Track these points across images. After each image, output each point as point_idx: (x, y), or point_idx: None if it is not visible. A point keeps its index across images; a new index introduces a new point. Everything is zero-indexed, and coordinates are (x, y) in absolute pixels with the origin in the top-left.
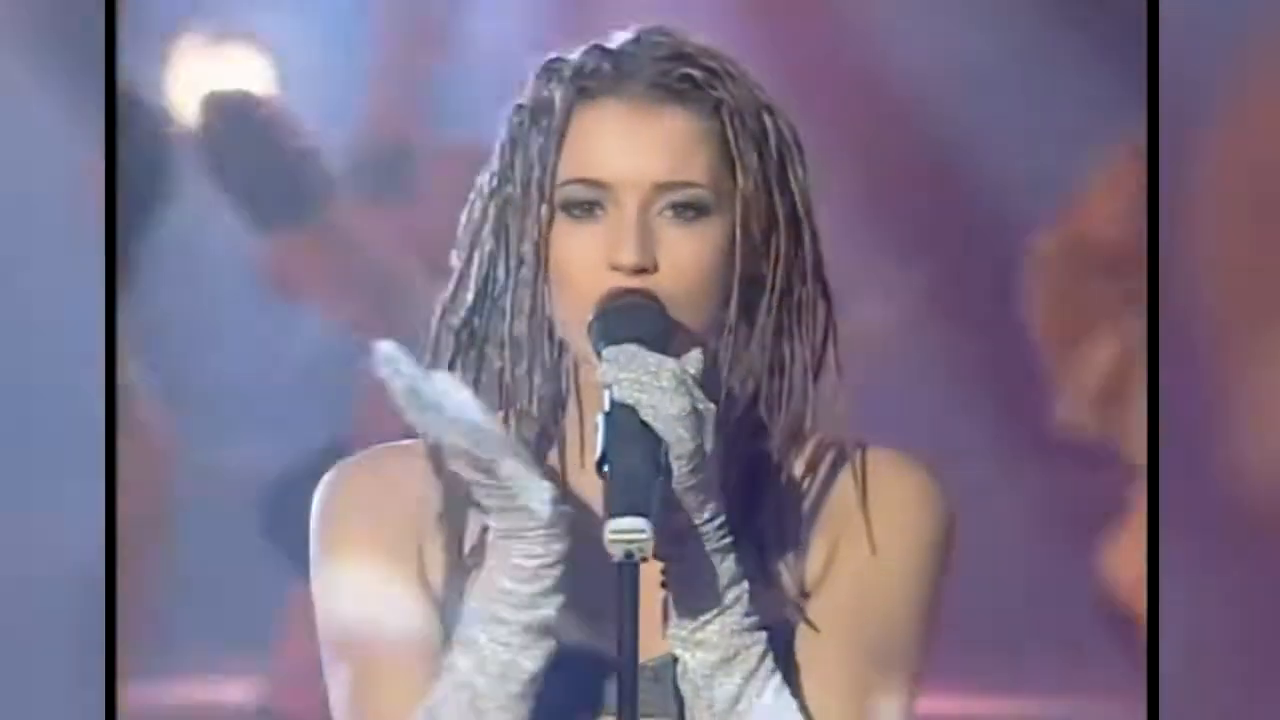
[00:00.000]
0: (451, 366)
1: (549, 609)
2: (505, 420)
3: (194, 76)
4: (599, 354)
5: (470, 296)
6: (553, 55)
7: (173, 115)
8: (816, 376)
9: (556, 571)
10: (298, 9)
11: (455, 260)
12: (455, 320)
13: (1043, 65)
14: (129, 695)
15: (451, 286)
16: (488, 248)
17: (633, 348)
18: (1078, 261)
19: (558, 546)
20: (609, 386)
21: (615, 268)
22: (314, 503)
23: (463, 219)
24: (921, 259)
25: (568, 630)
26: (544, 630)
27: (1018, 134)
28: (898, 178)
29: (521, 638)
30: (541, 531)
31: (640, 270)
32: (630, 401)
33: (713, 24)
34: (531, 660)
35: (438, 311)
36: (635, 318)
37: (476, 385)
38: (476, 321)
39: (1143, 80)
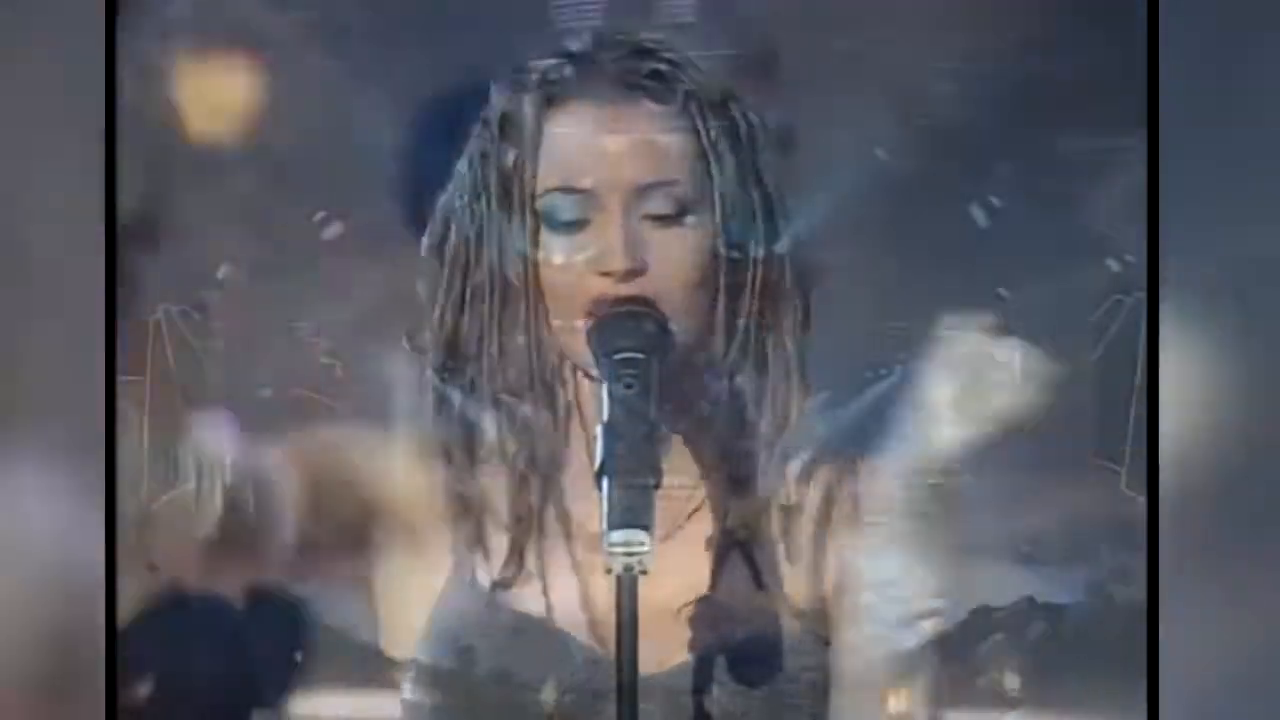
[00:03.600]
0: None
1: None
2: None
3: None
4: (599, 364)
5: (437, 319)
6: (516, 66)
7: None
8: (802, 374)
9: None
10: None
11: (420, 287)
12: (427, 343)
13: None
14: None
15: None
16: (460, 268)
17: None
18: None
19: None
20: (610, 396)
21: (605, 273)
22: None
23: (424, 242)
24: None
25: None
26: None
27: (1017, 133)
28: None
29: None
30: None
31: (630, 274)
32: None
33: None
34: None
35: (405, 343)
36: (631, 327)
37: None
38: (456, 346)
39: (1143, 80)
